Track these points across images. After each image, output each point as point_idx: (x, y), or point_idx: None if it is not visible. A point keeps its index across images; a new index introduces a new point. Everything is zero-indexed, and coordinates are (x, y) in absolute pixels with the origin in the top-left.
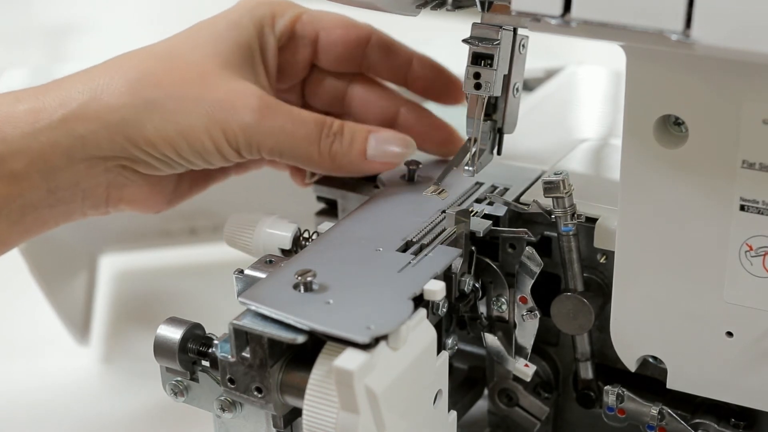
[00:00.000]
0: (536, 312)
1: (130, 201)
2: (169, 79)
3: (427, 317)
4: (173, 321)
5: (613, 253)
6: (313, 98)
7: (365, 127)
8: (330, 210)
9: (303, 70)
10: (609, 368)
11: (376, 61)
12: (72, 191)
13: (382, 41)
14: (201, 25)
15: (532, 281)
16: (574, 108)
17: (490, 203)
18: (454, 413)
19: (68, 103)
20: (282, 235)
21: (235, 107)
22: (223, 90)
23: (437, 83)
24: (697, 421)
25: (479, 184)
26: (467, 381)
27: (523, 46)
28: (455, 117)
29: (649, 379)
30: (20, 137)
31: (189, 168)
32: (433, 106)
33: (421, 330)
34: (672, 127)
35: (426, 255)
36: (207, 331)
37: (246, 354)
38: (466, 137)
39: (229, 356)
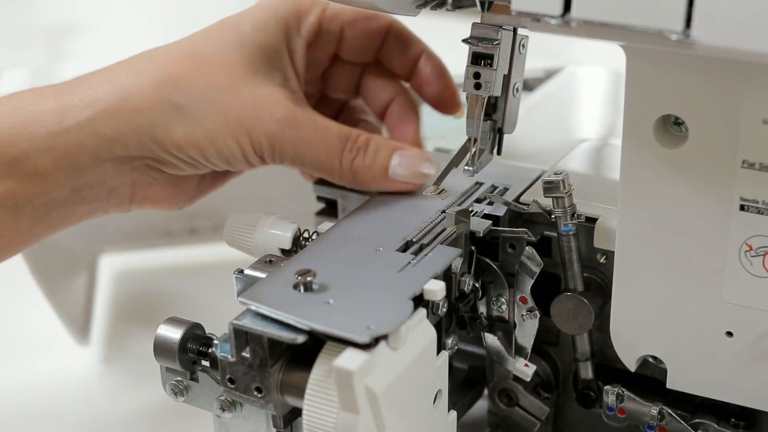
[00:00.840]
0: (536, 312)
1: (155, 200)
2: (197, 83)
3: (427, 317)
4: (173, 321)
5: (613, 253)
6: (331, 89)
7: (391, 144)
8: (330, 210)
9: (325, 64)
10: (609, 368)
11: (391, 51)
12: (97, 190)
13: (399, 33)
14: (224, 25)
15: (532, 281)
16: (574, 108)
17: (490, 203)
18: (454, 413)
19: (95, 103)
20: (282, 235)
21: (261, 115)
22: (251, 97)
23: (435, 86)
24: (697, 421)
25: (479, 184)
26: (467, 381)
27: (523, 46)
28: (449, 118)
29: (649, 379)
30: (46, 136)
31: (213, 169)
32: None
33: (421, 330)
34: (672, 127)
35: (426, 255)
36: (207, 331)
37: (246, 354)
38: (464, 141)
39: (229, 356)
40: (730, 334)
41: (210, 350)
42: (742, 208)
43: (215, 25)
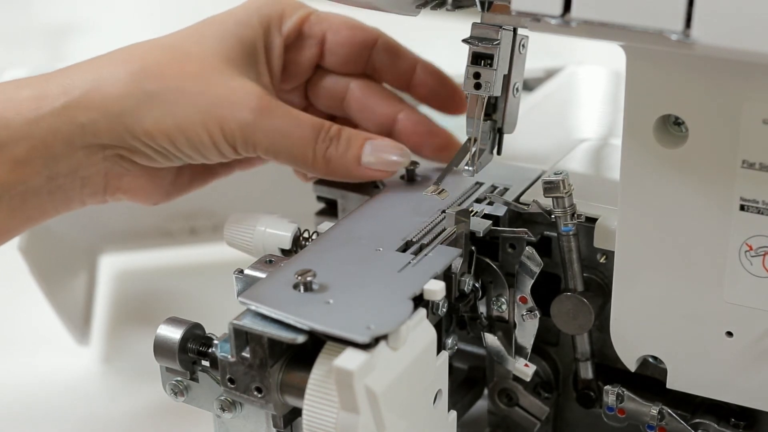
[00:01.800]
0: (536, 312)
1: (128, 191)
2: (170, 72)
3: (427, 317)
4: (173, 321)
5: (613, 253)
6: (316, 99)
7: (362, 134)
8: (330, 210)
9: (308, 71)
10: (609, 368)
11: (381, 64)
12: (71, 178)
13: (388, 45)
14: (208, 21)
15: (532, 281)
16: (574, 108)
17: (490, 203)
18: (454, 413)
19: (71, 90)
20: (282, 235)
21: (233, 105)
22: (223, 86)
23: (440, 92)
24: (697, 421)
25: (479, 184)
26: (467, 381)
27: (523, 46)
28: (454, 118)
29: (649, 379)
30: (23, 123)
31: (187, 161)
32: (431, 111)
33: (421, 330)
34: (672, 127)
35: (426, 255)
36: (207, 331)
37: (246, 354)
38: (464, 139)
39: (229, 356)
40: (730, 334)
41: (210, 350)
42: (742, 208)
43: (200, 22)
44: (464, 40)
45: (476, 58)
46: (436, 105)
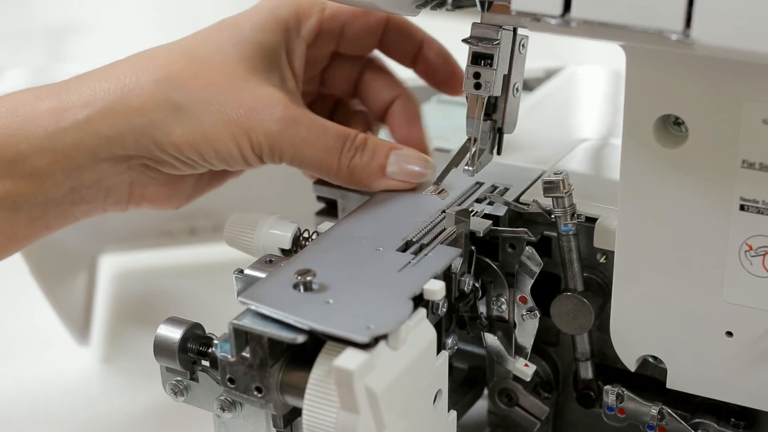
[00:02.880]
0: (536, 312)
1: (152, 199)
2: (196, 83)
3: (427, 317)
4: (173, 321)
5: (613, 253)
6: (330, 85)
7: (388, 144)
8: (330, 210)
9: (325, 61)
10: (609, 368)
11: (392, 42)
12: (95, 189)
13: (398, 23)
14: (224, 25)
15: (532, 281)
16: (574, 108)
17: (490, 203)
18: (454, 413)
19: (93, 102)
20: (282, 235)
21: (260, 115)
22: (250, 96)
23: (440, 71)
24: (697, 420)
25: (479, 184)
26: (467, 381)
27: (523, 46)
28: (454, 118)
29: (649, 379)
30: (44, 136)
31: (209, 169)
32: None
33: (421, 330)
34: (672, 127)
35: (426, 255)
36: (207, 331)
37: (246, 354)
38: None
39: (229, 356)
40: (730, 334)
41: (210, 350)
42: (742, 208)
43: (215, 26)
44: (464, 40)
45: (476, 58)
46: (435, 83)
